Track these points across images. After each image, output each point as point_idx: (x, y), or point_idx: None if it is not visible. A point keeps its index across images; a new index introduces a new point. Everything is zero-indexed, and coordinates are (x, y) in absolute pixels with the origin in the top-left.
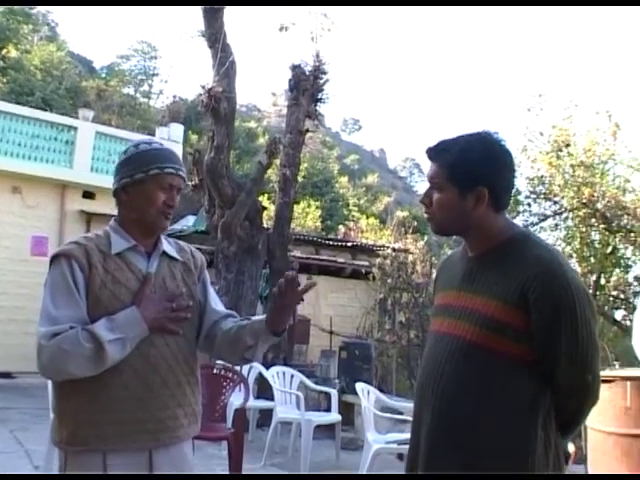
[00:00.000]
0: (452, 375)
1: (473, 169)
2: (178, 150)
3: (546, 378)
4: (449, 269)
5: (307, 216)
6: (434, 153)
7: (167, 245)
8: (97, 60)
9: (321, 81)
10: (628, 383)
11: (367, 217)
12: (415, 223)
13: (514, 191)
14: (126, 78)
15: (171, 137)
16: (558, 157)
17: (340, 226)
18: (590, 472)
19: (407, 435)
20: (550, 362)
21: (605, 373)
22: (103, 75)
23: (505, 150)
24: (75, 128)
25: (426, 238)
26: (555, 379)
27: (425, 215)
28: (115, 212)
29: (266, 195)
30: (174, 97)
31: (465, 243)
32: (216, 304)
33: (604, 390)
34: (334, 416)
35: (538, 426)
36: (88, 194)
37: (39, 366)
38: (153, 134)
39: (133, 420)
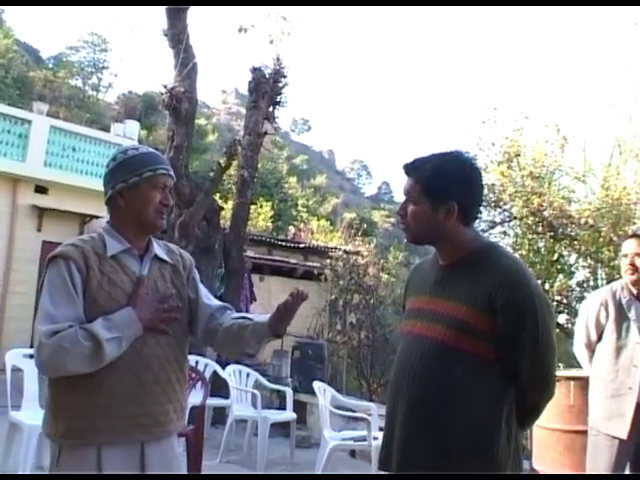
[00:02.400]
0: (425, 372)
1: (445, 185)
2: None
3: (509, 375)
4: (420, 276)
5: (259, 216)
6: (410, 169)
7: (158, 248)
8: (44, 50)
9: (280, 84)
10: (572, 383)
11: (318, 219)
12: (364, 226)
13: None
14: (75, 70)
15: (126, 134)
16: (509, 167)
17: (290, 227)
18: (535, 467)
19: (361, 432)
20: (513, 361)
21: None
22: (50, 66)
23: (475, 169)
24: (29, 121)
25: (375, 241)
26: (517, 376)
27: (400, 225)
28: (67, 208)
29: (218, 194)
30: (129, 93)
31: (436, 252)
32: (208, 298)
33: None
34: (289, 414)
35: (502, 419)
36: (41, 189)
37: (38, 363)
38: (106, 129)
39: (127, 415)
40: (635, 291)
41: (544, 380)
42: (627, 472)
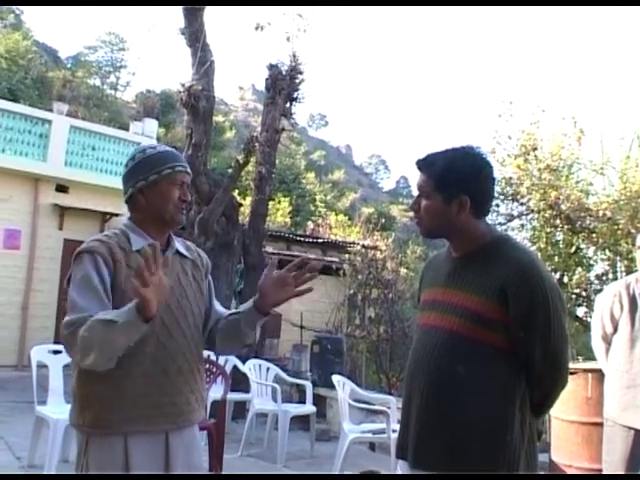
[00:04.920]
0: (440, 362)
1: (457, 179)
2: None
3: (522, 365)
4: (434, 268)
5: (277, 212)
6: (423, 165)
7: (178, 244)
8: (62, 50)
9: (297, 81)
10: (589, 375)
11: (336, 214)
12: (382, 220)
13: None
14: (93, 69)
15: (145, 132)
16: (526, 160)
17: (309, 222)
18: (553, 458)
19: (380, 425)
20: (525, 350)
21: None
22: (69, 65)
23: (486, 163)
24: (49, 121)
25: (393, 235)
26: (530, 365)
27: (414, 220)
28: (87, 206)
29: (237, 191)
30: (147, 91)
31: (450, 245)
32: (218, 306)
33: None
34: (309, 408)
35: (515, 407)
36: (61, 188)
37: (69, 354)
38: (125, 128)
39: (152, 405)
40: None
41: (556, 369)
42: None
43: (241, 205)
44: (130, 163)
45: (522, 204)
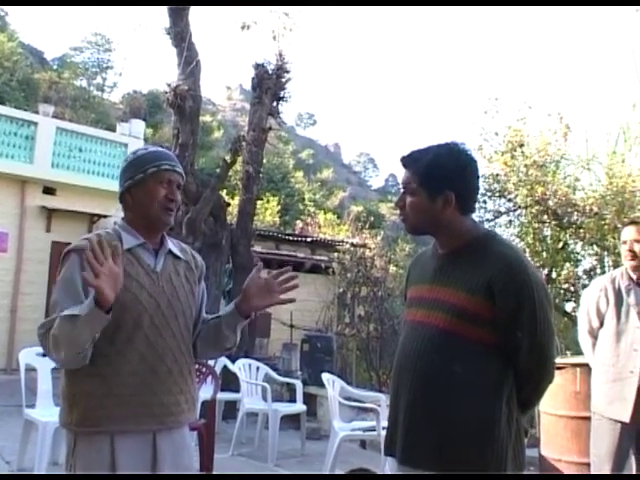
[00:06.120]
0: (428, 358)
1: (441, 175)
2: (139, 146)
3: (509, 360)
4: (421, 265)
5: (266, 211)
6: (407, 161)
7: (172, 245)
8: (48, 51)
9: (283, 80)
10: (578, 369)
11: (325, 212)
12: (372, 218)
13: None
14: (79, 70)
15: (132, 133)
16: (513, 157)
17: (298, 221)
18: (543, 453)
19: (370, 423)
20: (512, 345)
21: (556, 360)
22: (55, 67)
23: (470, 159)
24: (35, 123)
25: (382, 233)
26: (516, 360)
27: (400, 217)
28: (75, 208)
29: (225, 191)
30: (134, 92)
31: (436, 242)
32: (206, 312)
33: (556, 376)
34: (299, 406)
35: (502, 402)
36: (49, 190)
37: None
38: (112, 129)
39: (140, 404)
40: (635, 277)
41: (543, 364)
42: (632, 457)
43: (229, 205)
44: (123, 164)
45: (509, 200)
